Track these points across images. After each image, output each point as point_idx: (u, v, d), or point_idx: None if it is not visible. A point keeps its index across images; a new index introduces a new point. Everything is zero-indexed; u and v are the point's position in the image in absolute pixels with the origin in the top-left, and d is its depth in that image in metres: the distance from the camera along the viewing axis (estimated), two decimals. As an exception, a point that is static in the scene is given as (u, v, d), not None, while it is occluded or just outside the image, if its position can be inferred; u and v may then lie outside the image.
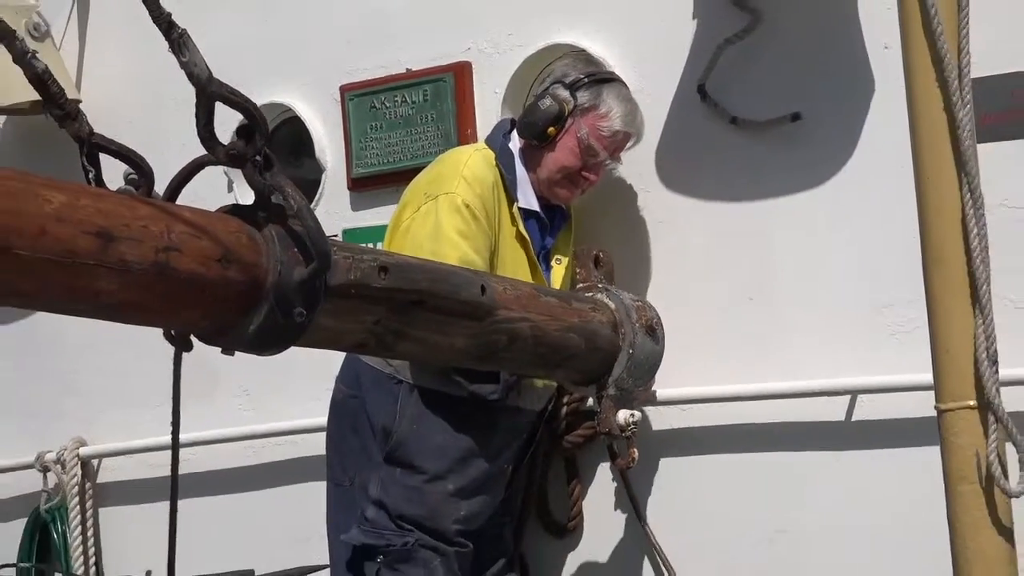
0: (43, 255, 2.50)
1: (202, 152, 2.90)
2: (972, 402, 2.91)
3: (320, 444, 5.39)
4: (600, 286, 5.13)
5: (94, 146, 2.88)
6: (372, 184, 5.90)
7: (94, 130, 2.89)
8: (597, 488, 5.49)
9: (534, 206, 5.15)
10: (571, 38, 5.49)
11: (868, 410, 5.05)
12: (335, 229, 5.59)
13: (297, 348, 3.13)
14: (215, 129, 2.86)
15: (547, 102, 5.07)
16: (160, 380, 3.22)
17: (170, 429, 3.38)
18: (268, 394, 5.94)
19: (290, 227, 2.94)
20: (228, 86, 2.83)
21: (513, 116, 5.31)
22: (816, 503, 5.11)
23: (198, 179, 2.95)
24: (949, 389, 2.94)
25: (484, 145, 5.22)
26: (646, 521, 5.37)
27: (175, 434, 3.40)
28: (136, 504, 6.53)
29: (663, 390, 5.16)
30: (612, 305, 4.91)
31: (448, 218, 4.83)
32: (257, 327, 2.94)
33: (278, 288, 2.92)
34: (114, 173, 2.87)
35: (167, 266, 2.72)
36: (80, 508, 6.61)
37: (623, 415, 4.97)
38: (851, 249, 5.04)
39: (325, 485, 5.33)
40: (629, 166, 5.41)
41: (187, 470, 3.70)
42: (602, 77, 5.19)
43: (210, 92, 2.81)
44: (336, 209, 5.96)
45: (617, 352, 4.81)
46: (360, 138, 5.97)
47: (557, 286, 5.17)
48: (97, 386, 6.57)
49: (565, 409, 5.40)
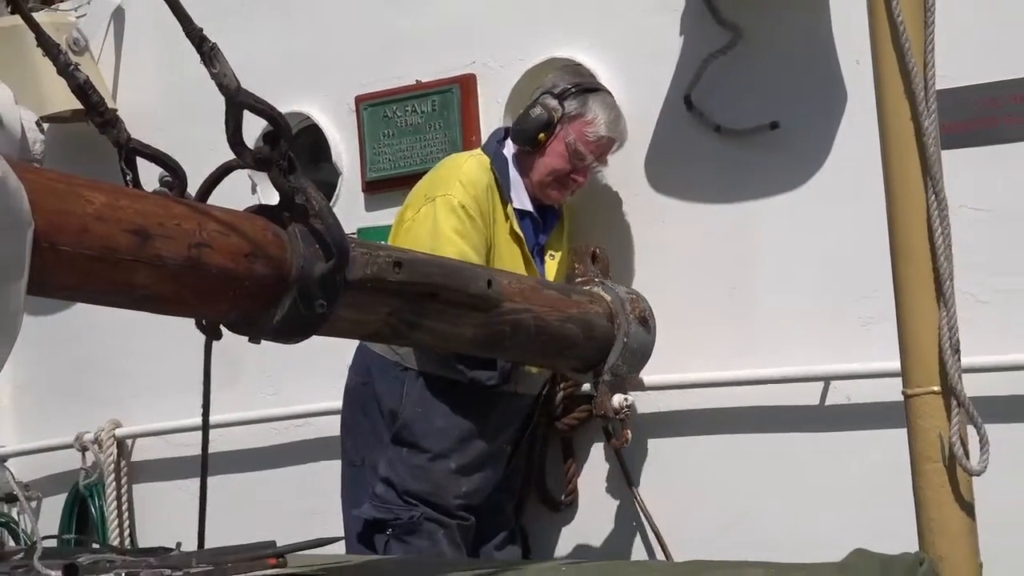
0: (85, 251, 2.50)
1: (230, 156, 2.91)
2: (936, 388, 2.92)
3: (336, 426, 5.40)
4: (597, 280, 5.12)
5: (131, 151, 2.89)
6: (385, 187, 5.91)
7: (131, 136, 2.91)
8: (590, 467, 5.51)
9: (527, 206, 5.17)
10: (567, 53, 5.49)
11: (840, 395, 5.07)
12: (351, 228, 5.59)
13: (317, 337, 3.14)
14: (243, 135, 2.87)
15: (537, 111, 5.09)
16: (190, 366, 3.23)
17: (200, 412, 3.40)
18: (289, 380, 5.95)
19: (312, 225, 2.94)
20: (255, 95, 2.84)
21: (507, 126, 5.31)
22: (793, 479, 5.12)
23: (226, 181, 2.96)
24: (915, 376, 2.95)
25: (481, 151, 5.24)
26: (638, 491, 5.38)
27: (205, 416, 3.41)
28: (167, 481, 6.54)
29: (654, 376, 5.16)
30: (608, 297, 4.91)
31: (445, 218, 4.88)
32: (281, 318, 2.94)
33: (301, 282, 2.92)
34: (150, 176, 2.88)
35: (199, 261, 2.72)
36: (116, 485, 6.62)
37: (618, 399, 4.97)
38: (825, 246, 5.05)
39: (340, 464, 5.35)
40: (622, 170, 5.42)
41: (214, 450, 3.69)
42: (588, 87, 5.21)
43: (238, 101, 2.82)
44: (352, 209, 5.97)
45: (613, 341, 4.81)
46: (373, 144, 5.98)
47: (551, 279, 5.18)
48: (132, 372, 6.58)
49: (561, 394, 5.42)
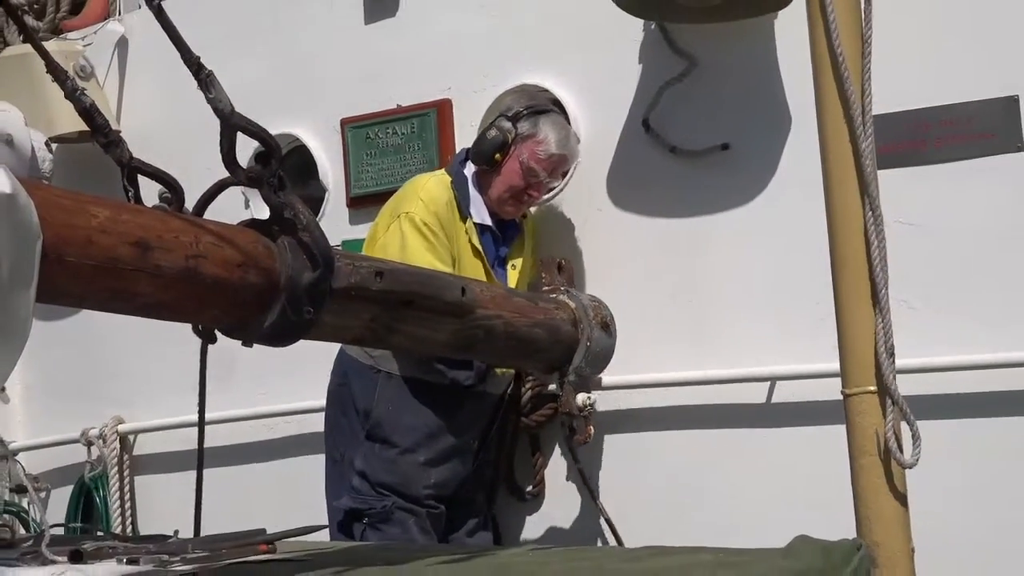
0: (90, 262, 2.50)
1: (225, 175, 2.90)
2: (873, 388, 2.92)
3: (320, 423, 5.42)
4: (562, 288, 5.13)
5: (133, 169, 2.88)
6: (367, 202, 5.89)
7: (133, 155, 2.90)
8: (556, 460, 5.51)
9: (487, 220, 5.18)
10: (536, 79, 5.50)
11: (785, 394, 5.08)
12: (336, 240, 5.57)
13: (304, 341, 3.13)
14: (236, 155, 2.87)
15: (493, 132, 5.11)
16: (188, 368, 3.22)
17: (196, 409, 3.40)
18: (279, 380, 5.94)
19: (300, 238, 2.94)
20: (247, 118, 2.84)
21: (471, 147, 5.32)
22: (741, 472, 5.13)
23: (221, 197, 2.96)
24: (853, 377, 2.95)
25: (444, 171, 5.26)
26: (590, 485, 5.39)
27: (201, 413, 3.40)
28: (166, 473, 6.52)
29: (614, 376, 5.17)
30: (572, 304, 4.91)
31: (411, 233, 4.94)
32: (272, 323, 2.94)
33: (290, 290, 2.92)
34: (150, 192, 2.87)
35: (196, 271, 2.72)
36: (118, 477, 6.60)
37: (581, 398, 5.01)
38: (771, 257, 5.07)
39: (324, 459, 5.36)
40: (585, 188, 5.44)
41: (210, 444, 3.67)
42: (539, 109, 5.21)
43: (232, 123, 2.81)
44: (337, 223, 5.96)
45: (577, 344, 4.81)
46: (357, 163, 5.98)
47: (513, 287, 5.18)
48: (133, 373, 6.56)
49: (529, 394, 5.41)
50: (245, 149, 2.91)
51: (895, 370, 2.93)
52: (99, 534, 5.56)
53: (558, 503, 5.52)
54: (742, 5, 4.98)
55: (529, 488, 5.56)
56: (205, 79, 2.79)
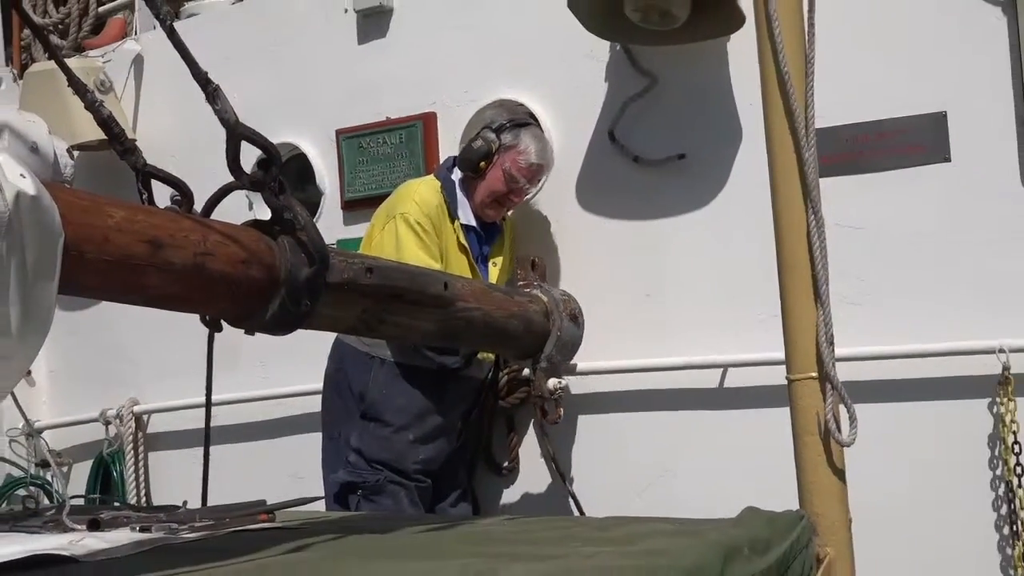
0: (106, 258, 2.48)
1: (230, 179, 2.88)
2: (814, 374, 2.93)
3: (317, 405, 5.40)
4: (535, 284, 5.14)
5: (147, 174, 2.86)
6: (360, 205, 5.89)
7: (147, 161, 2.88)
8: (530, 439, 5.50)
9: (472, 222, 5.18)
10: (512, 95, 5.49)
11: (736, 379, 5.09)
12: (332, 239, 5.56)
13: (302, 330, 3.12)
14: (241, 161, 2.86)
15: (478, 143, 5.11)
16: (196, 354, 3.20)
17: (204, 392, 3.38)
18: (279, 366, 5.93)
19: (298, 237, 2.92)
20: (251, 128, 2.82)
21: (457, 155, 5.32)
22: (697, 450, 5.14)
23: (227, 199, 2.94)
24: (797, 364, 2.95)
25: (433, 177, 5.24)
26: (567, 470, 5.40)
27: (208, 395, 3.39)
28: (177, 450, 6.50)
29: (583, 363, 5.17)
30: (544, 298, 4.91)
31: (405, 232, 4.93)
32: (272, 314, 2.92)
33: (289, 284, 2.90)
34: (163, 195, 2.86)
35: (203, 267, 2.70)
36: (133, 453, 6.58)
37: (552, 382, 4.99)
38: (724, 257, 5.07)
39: (321, 437, 5.34)
40: (557, 193, 5.43)
41: (216, 424, 3.67)
42: (520, 122, 5.22)
43: (237, 133, 2.80)
44: (333, 224, 5.95)
45: (548, 334, 4.81)
46: (351, 170, 5.96)
47: (494, 282, 5.19)
48: (147, 358, 6.54)
49: (506, 378, 5.41)
50: (249, 156, 2.90)
51: (834, 358, 2.93)
52: (115, 505, 5.54)
53: (531, 477, 5.52)
54: (698, 29, 4.98)
55: (505, 464, 5.56)
56: (212, 93, 2.78)
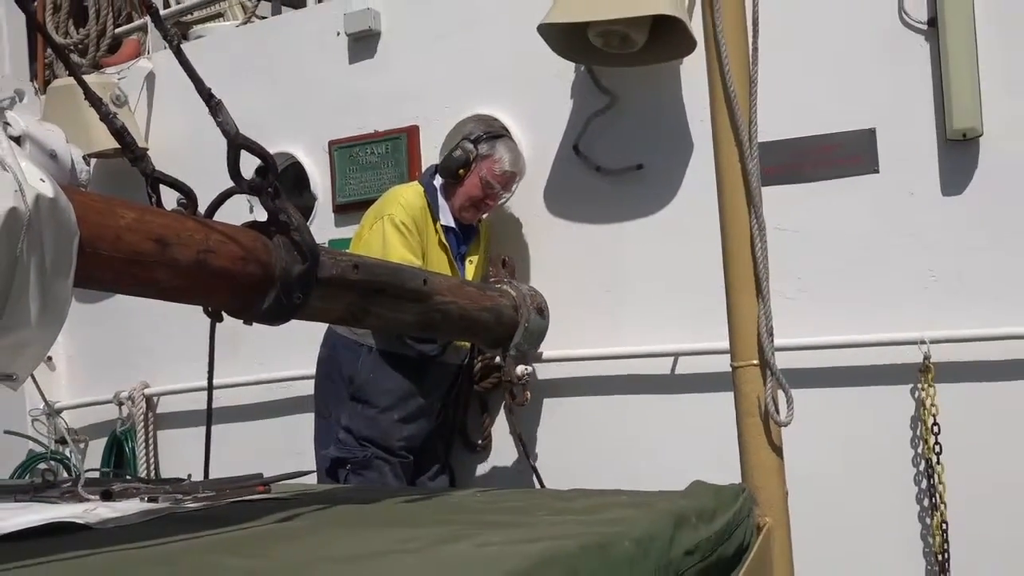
0: (119, 255, 2.46)
1: (231, 185, 2.87)
2: (755, 361, 2.93)
3: (310, 388, 5.38)
4: (506, 280, 5.15)
5: (156, 179, 2.85)
6: (350, 209, 5.87)
7: (156, 168, 2.87)
8: (501, 419, 5.50)
9: (451, 224, 5.18)
10: (487, 110, 5.49)
11: (685, 367, 5.10)
12: (323, 239, 5.57)
13: (295, 321, 3.11)
14: (241, 168, 2.84)
15: (458, 152, 5.12)
16: (201, 342, 3.19)
17: (207, 375, 3.37)
18: (275, 352, 5.90)
19: (292, 237, 2.91)
20: (249, 139, 2.81)
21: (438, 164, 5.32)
22: (650, 430, 5.14)
23: (228, 203, 2.93)
24: (740, 352, 2.96)
25: (417, 183, 5.23)
26: (533, 447, 5.39)
27: (210, 379, 3.38)
28: (183, 428, 6.47)
29: (548, 351, 5.18)
30: (514, 293, 4.91)
31: (391, 232, 4.91)
32: (268, 306, 2.91)
33: (283, 279, 2.89)
34: (170, 198, 2.84)
35: (206, 263, 2.69)
36: (144, 431, 6.55)
37: (520, 368, 5.00)
38: (676, 256, 5.08)
39: (313, 417, 5.33)
40: (526, 199, 5.43)
41: (218, 405, 3.65)
42: (495, 134, 5.23)
43: (237, 143, 2.78)
44: (325, 225, 5.94)
45: (517, 325, 4.82)
46: (342, 177, 5.95)
47: (470, 278, 5.18)
48: (156, 346, 6.51)
49: (480, 364, 5.41)
50: (252, 164, 2.88)
51: (773, 347, 2.93)
52: (127, 478, 5.52)
53: (501, 454, 5.52)
54: (654, 52, 4.98)
55: (479, 441, 5.55)
56: (215, 106, 2.76)
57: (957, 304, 4.67)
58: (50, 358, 6.86)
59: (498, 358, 5.09)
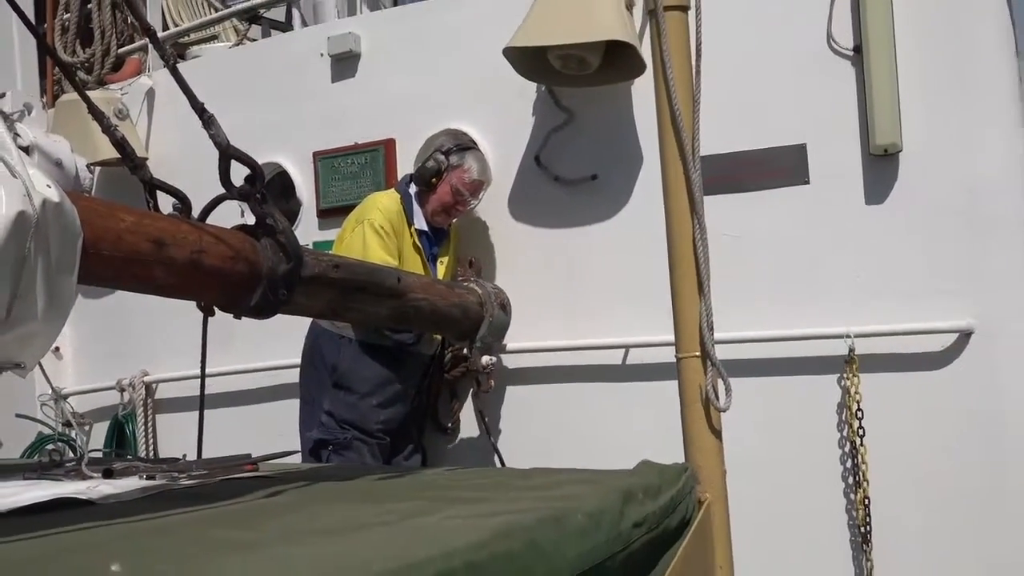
0: (119, 254, 2.44)
1: (222, 191, 2.86)
2: (697, 353, 2.93)
3: (295, 376, 5.36)
4: (472, 279, 5.16)
5: (153, 186, 2.83)
6: (332, 214, 5.84)
7: (153, 175, 2.85)
8: (469, 405, 5.50)
9: (424, 227, 5.17)
10: (457, 124, 5.49)
11: (635, 358, 5.11)
12: (308, 241, 5.55)
13: (281, 315, 3.10)
14: (231, 177, 2.83)
15: (431, 163, 5.12)
16: (194, 334, 3.17)
17: (200, 364, 3.35)
18: (262, 343, 5.85)
19: (278, 239, 2.90)
20: (239, 149, 2.79)
21: (412, 173, 5.31)
22: (603, 415, 5.15)
23: (220, 207, 2.91)
24: (684, 345, 2.96)
25: (393, 191, 5.23)
26: (497, 431, 5.39)
27: (203, 367, 3.35)
28: (179, 412, 6.43)
29: (511, 343, 5.18)
30: (479, 291, 4.92)
31: (370, 235, 4.91)
32: (256, 301, 2.89)
33: (269, 277, 2.87)
34: (166, 203, 2.82)
35: (199, 262, 2.67)
36: (144, 415, 6.51)
37: (485, 358, 5.01)
38: (627, 258, 5.09)
39: (298, 402, 5.31)
40: (492, 206, 5.43)
41: (210, 391, 3.63)
42: (465, 146, 5.24)
43: (228, 153, 2.76)
44: (310, 228, 5.91)
45: (482, 320, 4.82)
46: (325, 185, 5.92)
47: (441, 277, 5.17)
48: (155, 337, 6.45)
49: (449, 355, 5.41)
50: (241, 172, 2.86)
51: (714, 341, 2.94)
52: (127, 457, 5.48)
53: (469, 436, 5.52)
54: (608, 74, 5.00)
55: (448, 424, 5.54)
56: (207, 120, 2.74)
57: (879, 302, 4.71)
58: (57, 348, 6.81)
59: (465, 349, 5.10)
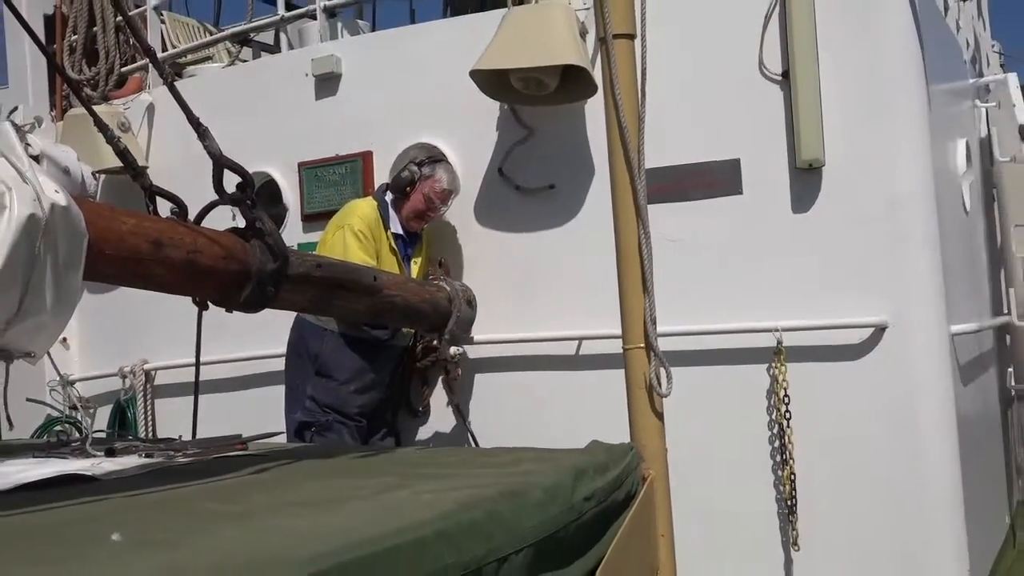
0: (121, 254, 2.44)
1: (216, 197, 2.84)
2: (642, 345, 2.95)
3: (281, 364, 5.34)
4: (442, 277, 5.15)
5: (153, 192, 2.82)
6: (316, 218, 5.80)
7: (153, 182, 2.83)
8: (438, 391, 5.49)
9: (400, 231, 5.17)
10: (428, 138, 5.46)
11: (588, 349, 5.12)
12: (293, 243, 5.50)
13: (269, 309, 3.09)
14: (224, 184, 2.82)
15: (405, 173, 5.13)
16: (190, 326, 3.16)
17: (195, 353, 3.34)
18: (252, 335, 5.80)
19: (266, 241, 2.90)
20: (231, 159, 2.79)
21: (388, 182, 5.29)
22: (559, 401, 5.16)
23: (213, 212, 2.90)
24: (630, 337, 2.98)
25: (372, 198, 5.22)
26: (465, 415, 5.39)
27: (197, 356, 3.35)
28: (176, 397, 6.36)
29: (476, 336, 5.18)
30: (448, 288, 4.91)
31: (350, 238, 4.91)
32: (245, 297, 2.89)
33: (258, 275, 2.87)
34: (165, 208, 2.81)
35: (194, 262, 2.66)
36: (143, 400, 6.45)
37: (453, 349, 5.02)
38: (580, 260, 5.09)
39: (284, 388, 5.29)
40: (459, 212, 5.42)
41: (205, 378, 3.62)
42: (436, 158, 5.23)
43: (221, 163, 2.76)
44: (294, 232, 5.87)
45: (450, 314, 4.82)
46: (309, 192, 5.88)
47: (414, 276, 5.16)
48: (154, 329, 6.37)
49: (421, 346, 5.38)
50: (233, 180, 2.85)
51: (656, 334, 2.96)
52: (128, 438, 5.45)
53: (438, 419, 5.50)
54: (564, 94, 5.01)
55: (419, 408, 5.53)
56: (202, 132, 2.74)
57: (804, 300, 4.75)
58: (65, 339, 6.75)
59: (435, 341, 5.09)
